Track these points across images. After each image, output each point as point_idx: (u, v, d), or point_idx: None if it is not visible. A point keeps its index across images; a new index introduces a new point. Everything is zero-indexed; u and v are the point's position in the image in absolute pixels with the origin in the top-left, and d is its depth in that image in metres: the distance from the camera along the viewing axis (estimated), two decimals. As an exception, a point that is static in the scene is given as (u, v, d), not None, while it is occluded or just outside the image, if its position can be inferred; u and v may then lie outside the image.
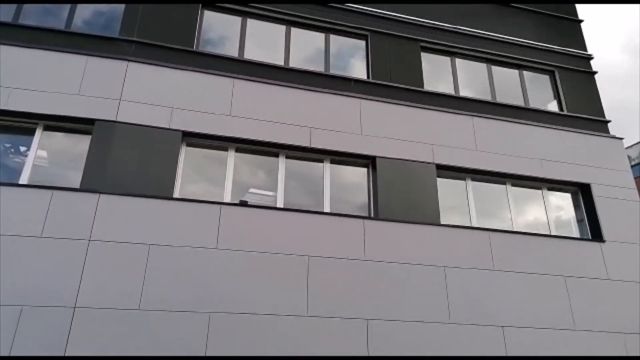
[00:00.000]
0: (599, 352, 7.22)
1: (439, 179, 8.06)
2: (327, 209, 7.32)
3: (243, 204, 6.95)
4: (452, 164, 8.11)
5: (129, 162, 6.60)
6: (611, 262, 8.03)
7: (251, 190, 7.22)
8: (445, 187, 8.15)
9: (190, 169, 7.08)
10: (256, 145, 7.39)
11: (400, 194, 7.53)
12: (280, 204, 7.15)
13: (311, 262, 6.63)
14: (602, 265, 7.97)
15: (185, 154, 7.14)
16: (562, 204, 8.92)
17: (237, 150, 7.39)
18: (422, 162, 7.88)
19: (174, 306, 5.93)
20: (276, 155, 7.52)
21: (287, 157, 7.55)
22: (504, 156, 8.44)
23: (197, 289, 6.08)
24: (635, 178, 10.08)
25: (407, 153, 7.88)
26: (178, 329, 5.83)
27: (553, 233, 8.35)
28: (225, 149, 7.34)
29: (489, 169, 8.28)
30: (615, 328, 7.41)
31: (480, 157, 8.33)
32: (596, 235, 8.39)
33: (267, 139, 7.32)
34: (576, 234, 8.61)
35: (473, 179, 8.42)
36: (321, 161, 7.69)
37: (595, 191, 8.66)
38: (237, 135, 7.22)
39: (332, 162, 7.71)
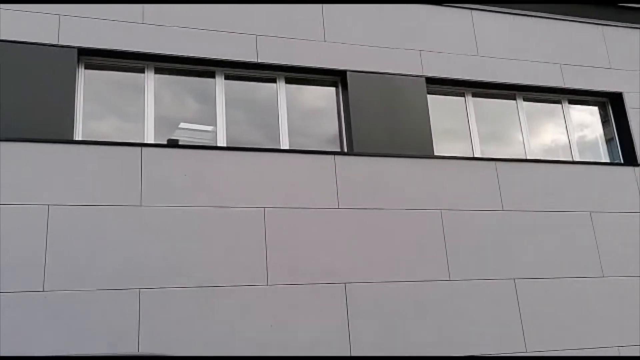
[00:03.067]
0: (633, 304, 7.62)
1: (430, 97, 8.06)
2: (284, 145, 7.31)
3: (172, 144, 6.90)
4: (446, 75, 8.10)
5: (5, 95, 6.31)
6: (648, 191, 8.47)
7: (182, 125, 7.16)
8: (439, 106, 8.17)
9: (95, 101, 6.91)
10: (183, 62, 7.18)
11: (380, 120, 7.55)
12: (221, 142, 7.09)
13: (268, 216, 6.65)
14: (636, 196, 8.25)
15: (85, 79, 6.89)
16: (587, 121, 9.07)
17: (157, 70, 7.19)
18: (407, 75, 7.86)
19: (88, 284, 5.89)
20: (212, 75, 7.38)
21: (227, 77, 7.43)
22: (513, 62, 8.47)
23: (117, 260, 6.04)
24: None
25: (387, 64, 7.81)
26: (96, 314, 5.82)
27: (576, 158, 8.54)
28: (141, 70, 7.13)
29: (494, 80, 8.31)
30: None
31: (483, 65, 8.33)
32: (629, 158, 8.62)
33: (198, 54, 7.11)
34: (605, 158, 8.85)
35: (474, 95, 8.47)
36: (273, 81, 7.61)
37: (629, 102, 8.78)
38: (155, 51, 6.96)
39: (287, 81, 7.65)
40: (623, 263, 7.82)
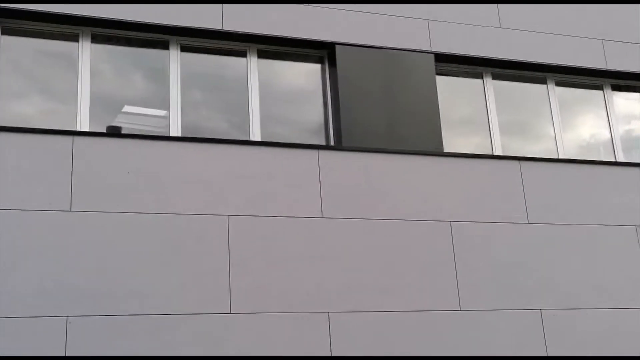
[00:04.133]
0: None
1: (440, 78, 8.09)
2: (255, 136, 7.29)
3: (112, 132, 6.82)
4: (461, 52, 8.12)
5: None
6: None
7: (126, 108, 7.12)
8: (451, 90, 8.17)
9: (16, 75, 6.84)
10: (127, 29, 7.16)
11: (376, 106, 7.55)
12: (175, 130, 7.03)
13: (233, 226, 6.60)
14: (693, 206, 8.21)
15: (3, 48, 6.85)
16: (636, 111, 9.01)
17: (95, 39, 7.13)
18: (412, 50, 7.87)
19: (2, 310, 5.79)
20: (165, 45, 7.32)
21: (185, 48, 7.38)
22: (542, 36, 8.50)
23: (39, 280, 5.96)
24: None
25: (386, 36, 7.81)
26: (11, 348, 5.69)
27: (620, 159, 8.56)
28: (74, 38, 7.05)
29: (519, 58, 8.33)
30: None
31: (507, 40, 8.35)
32: (685, 159, 8.56)
33: (146, 19, 7.07)
34: None
35: (495, 76, 8.46)
36: (243, 54, 7.58)
37: (686, 88, 8.66)
38: (93, 13, 6.89)
39: (260, 55, 7.63)
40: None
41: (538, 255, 7.48)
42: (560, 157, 8.28)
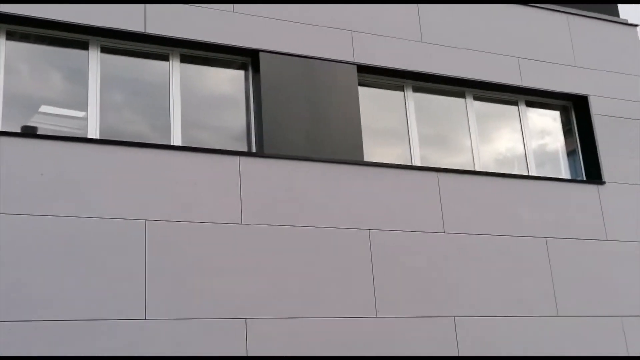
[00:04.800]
0: (589, 344, 7.88)
1: (362, 89, 8.11)
2: (176, 140, 7.21)
3: (27, 132, 6.71)
4: (383, 64, 8.16)
5: None
6: (612, 214, 8.63)
7: (42, 108, 7.02)
8: (373, 101, 8.23)
9: None
10: (45, 27, 7.00)
11: (299, 114, 7.57)
12: (93, 132, 6.91)
13: (151, 231, 6.52)
14: (599, 220, 8.55)
15: None
16: (549, 127, 9.34)
17: (10, 36, 6.96)
18: (335, 60, 7.90)
19: None
20: (84, 46, 7.19)
21: (105, 50, 7.28)
22: (462, 52, 8.65)
23: None
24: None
25: (310, 45, 7.83)
26: None
27: (532, 172, 8.82)
28: None
29: (440, 72, 8.43)
30: (611, 311, 8.15)
31: (428, 53, 8.43)
32: (593, 174, 8.92)
33: (66, 18, 6.92)
34: (565, 173, 9.15)
35: (416, 89, 8.55)
36: (165, 58, 7.51)
37: (595, 107, 9.13)
38: (9, 10, 6.71)
39: (183, 59, 7.58)
40: (580, 300, 8.06)
41: (453, 264, 7.59)
42: (477, 169, 8.41)
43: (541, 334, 7.73)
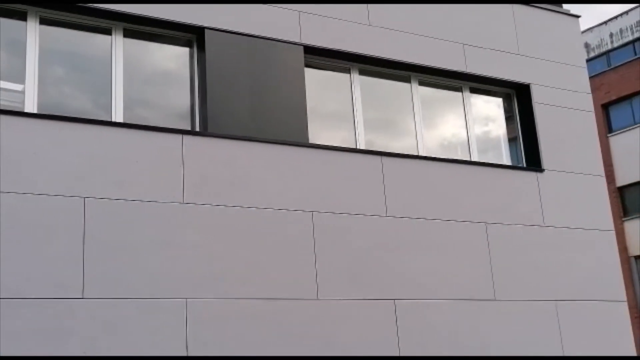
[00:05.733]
0: (524, 328, 8.07)
1: (308, 70, 8.14)
2: (117, 117, 7.15)
3: None
4: (330, 46, 8.20)
5: None
6: (550, 201, 8.82)
7: None
8: (319, 83, 8.24)
9: None
10: None
11: (244, 93, 7.57)
12: (31, 106, 6.82)
13: (89, 209, 6.48)
14: (537, 206, 8.74)
15: None
16: (493, 114, 9.47)
17: None
18: (281, 40, 7.90)
19: None
20: (22, 16, 7.05)
21: (44, 21, 7.15)
22: (408, 36, 8.68)
23: None
24: (590, 77, 11.03)
25: (257, 24, 7.82)
26: None
27: (474, 158, 8.95)
28: None
29: (386, 56, 8.48)
30: (546, 296, 8.38)
31: (375, 37, 8.46)
32: (533, 161, 9.12)
33: None
34: (507, 160, 9.33)
35: (362, 72, 8.61)
36: (108, 32, 7.44)
37: (537, 95, 9.32)
38: None
39: (127, 34, 7.51)
40: (518, 285, 8.25)
41: (394, 248, 7.68)
42: (421, 154, 8.51)
43: (479, 317, 7.90)
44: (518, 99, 9.46)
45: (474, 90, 9.30)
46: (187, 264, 6.68)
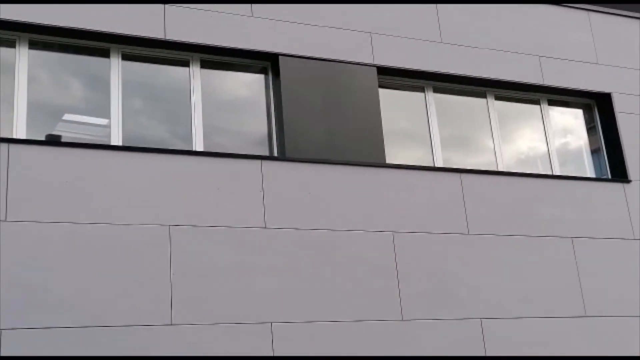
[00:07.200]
0: (616, 343, 7.84)
1: (382, 91, 8.09)
2: (198, 146, 7.23)
3: (51, 140, 6.73)
4: (403, 65, 8.16)
5: None
6: (639, 212, 8.57)
7: (66, 116, 7.04)
8: (394, 103, 8.20)
9: None
10: (67, 36, 7.02)
11: (320, 117, 7.56)
12: (116, 139, 6.94)
13: (175, 236, 6.55)
14: (626, 218, 8.48)
15: None
16: (571, 125, 9.26)
17: (33, 44, 7.00)
18: (355, 63, 7.89)
19: None
20: (106, 53, 7.23)
21: (126, 57, 7.30)
22: (483, 52, 8.64)
23: None
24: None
25: (329, 48, 7.83)
26: None
27: (556, 171, 8.75)
28: (11, 44, 6.91)
29: (460, 72, 8.42)
30: (636, 310, 8.12)
31: (447, 54, 8.41)
32: (618, 172, 8.87)
33: (87, 26, 6.94)
34: (590, 172, 9.10)
35: (436, 90, 8.54)
36: (186, 64, 7.54)
37: (619, 104, 9.05)
38: (30, 19, 6.73)
39: (204, 65, 7.60)
40: (608, 300, 8.01)
41: (478, 266, 7.57)
42: (500, 169, 8.39)
43: (570, 334, 7.68)
44: (599, 108, 9.24)
45: (552, 103, 9.14)
46: (271, 287, 6.69)
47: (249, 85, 7.82)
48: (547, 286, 7.81)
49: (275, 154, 7.42)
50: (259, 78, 7.80)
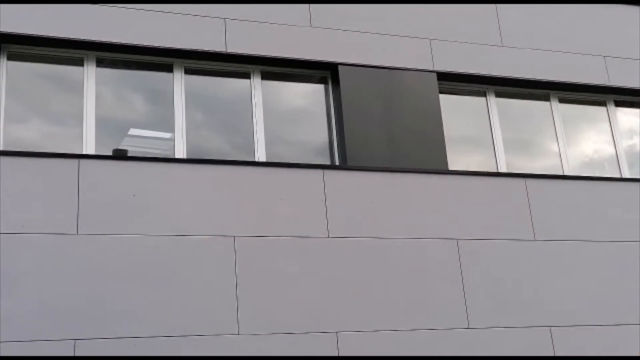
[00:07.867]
0: None
1: (443, 97, 8.05)
2: (260, 157, 7.25)
3: (118, 155, 6.84)
4: (463, 70, 8.12)
5: None
6: None
7: (131, 131, 7.15)
8: (454, 108, 8.15)
9: (18, 100, 6.82)
10: (132, 52, 7.15)
11: (380, 125, 7.55)
12: (181, 152, 7.03)
13: (240, 247, 6.57)
14: (700, 221, 8.19)
15: (8, 73, 6.82)
16: (636, 126, 9.04)
17: (100, 62, 7.14)
18: (414, 69, 7.89)
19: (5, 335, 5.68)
20: (169, 68, 7.33)
21: (188, 71, 7.40)
22: (544, 53, 8.52)
23: (44, 304, 5.89)
24: None
25: (388, 56, 7.82)
26: None
27: (625, 174, 8.54)
28: (79, 62, 7.04)
29: (522, 76, 8.33)
30: None
31: (508, 57, 8.35)
32: (693, 174, 8.58)
33: (151, 42, 7.09)
34: None
35: (498, 94, 8.46)
36: (246, 76, 7.58)
37: (690, 104, 8.68)
38: (97, 38, 6.91)
39: (264, 76, 7.63)
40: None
41: (546, 272, 7.43)
42: (565, 173, 8.26)
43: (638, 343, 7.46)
44: (668, 108, 9.02)
45: (618, 104, 8.93)
46: (335, 296, 6.66)
47: (309, 95, 7.86)
48: (618, 292, 7.59)
49: (337, 163, 7.42)
50: (318, 88, 7.84)
